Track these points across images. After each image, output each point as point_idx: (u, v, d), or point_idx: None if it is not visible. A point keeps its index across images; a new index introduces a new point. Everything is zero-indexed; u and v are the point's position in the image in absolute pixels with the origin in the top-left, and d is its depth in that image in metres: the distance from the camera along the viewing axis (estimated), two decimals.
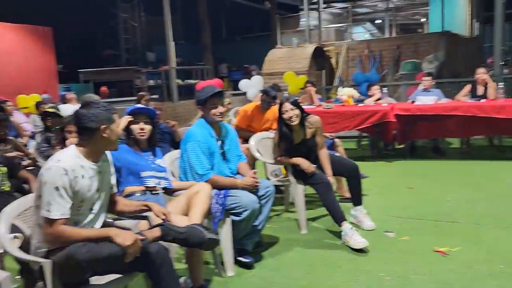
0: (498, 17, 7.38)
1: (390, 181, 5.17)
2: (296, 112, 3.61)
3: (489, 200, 4.21)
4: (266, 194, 3.14)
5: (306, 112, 3.73)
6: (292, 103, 3.63)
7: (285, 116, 3.60)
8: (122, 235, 1.96)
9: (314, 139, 3.72)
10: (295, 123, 3.60)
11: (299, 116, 3.62)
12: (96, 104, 2.14)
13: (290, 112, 3.58)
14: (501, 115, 5.58)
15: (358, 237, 3.26)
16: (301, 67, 11.07)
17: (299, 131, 3.68)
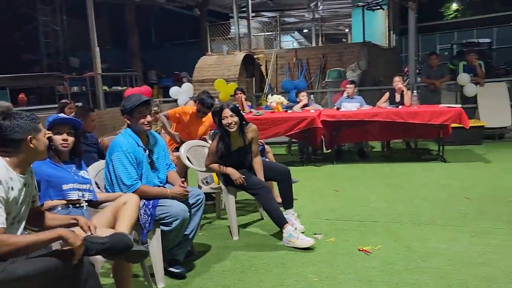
0: (412, 30, 7.98)
1: (318, 185, 5.37)
2: (235, 119, 3.63)
3: (406, 200, 4.52)
4: (197, 202, 3.13)
5: (245, 120, 3.76)
6: (232, 109, 3.64)
7: (224, 122, 3.62)
8: (72, 235, 1.94)
9: (250, 146, 3.78)
10: (234, 130, 3.62)
11: (237, 124, 3.64)
12: (19, 115, 2.07)
13: (230, 119, 3.60)
14: (416, 120, 6.04)
15: (304, 236, 3.38)
16: (231, 74, 11.18)
17: (237, 138, 3.70)
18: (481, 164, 5.97)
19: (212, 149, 3.67)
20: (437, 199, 4.48)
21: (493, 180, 5.11)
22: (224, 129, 3.63)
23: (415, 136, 6.91)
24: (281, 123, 6.31)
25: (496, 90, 7.60)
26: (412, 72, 8.21)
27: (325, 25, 20.46)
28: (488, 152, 6.74)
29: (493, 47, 20.11)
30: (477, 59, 7.72)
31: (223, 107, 3.66)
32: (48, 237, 1.94)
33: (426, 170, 5.82)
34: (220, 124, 3.64)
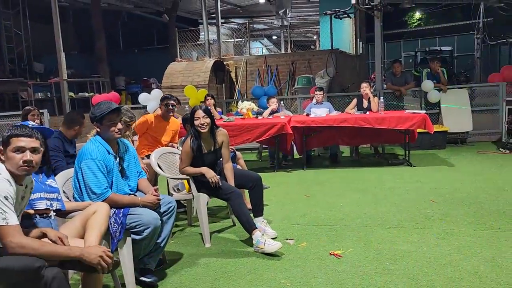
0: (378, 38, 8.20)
1: (289, 191, 5.42)
2: (207, 120, 3.67)
3: (375, 204, 4.62)
4: (168, 210, 3.11)
5: (216, 125, 3.79)
6: (204, 110, 3.67)
7: (197, 123, 3.63)
8: (89, 254, 2.08)
9: (221, 150, 3.80)
10: (205, 130, 3.65)
11: (209, 125, 3.67)
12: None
13: (202, 120, 3.64)
14: (383, 126, 6.20)
15: (271, 241, 3.40)
16: (201, 80, 11.14)
17: (209, 141, 3.73)
18: (445, 168, 6.19)
19: (185, 149, 3.66)
20: (404, 202, 4.60)
21: (456, 183, 5.30)
22: (195, 130, 3.63)
23: (383, 141, 7.09)
24: (252, 130, 6.35)
25: (458, 96, 7.90)
26: (378, 78, 8.43)
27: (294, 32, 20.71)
28: (451, 156, 6.99)
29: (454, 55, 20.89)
30: (440, 67, 8.01)
31: (196, 108, 3.68)
32: (67, 254, 2.07)
33: (394, 174, 5.97)
34: (192, 125, 3.64)
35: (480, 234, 3.58)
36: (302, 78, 10.62)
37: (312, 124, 6.40)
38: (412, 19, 32.21)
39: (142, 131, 4.79)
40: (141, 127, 4.76)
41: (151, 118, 4.78)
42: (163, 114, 4.86)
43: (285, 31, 18.34)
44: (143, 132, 4.79)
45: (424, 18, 31.73)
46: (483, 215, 4.06)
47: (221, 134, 3.81)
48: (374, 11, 7.83)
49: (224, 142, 3.82)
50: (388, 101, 7.87)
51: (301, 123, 6.42)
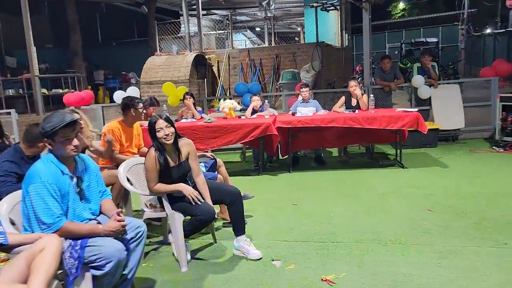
0: (366, 31, 7.82)
1: (275, 198, 5.03)
2: (171, 130, 3.26)
3: (368, 213, 4.27)
4: (136, 236, 2.69)
5: (179, 135, 3.39)
6: (166, 120, 3.26)
7: (160, 135, 3.21)
8: None
9: (188, 163, 3.39)
10: (171, 141, 3.25)
11: (174, 135, 3.26)
12: None
13: (166, 130, 3.22)
14: (374, 126, 5.85)
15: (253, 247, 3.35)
16: (181, 75, 10.66)
17: (174, 153, 3.32)
18: (439, 169, 5.87)
19: (151, 165, 3.23)
20: (399, 212, 4.26)
21: (452, 187, 4.98)
22: (158, 143, 3.22)
23: (372, 141, 6.74)
24: (235, 131, 5.93)
25: (449, 92, 7.59)
26: (367, 74, 8.06)
27: (278, 24, 20.25)
28: (444, 155, 6.69)
29: (439, 46, 20.71)
30: (431, 61, 7.68)
31: (155, 118, 3.26)
32: None
33: (385, 177, 5.64)
34: (155, 137, 3.21)
35: (486, 252, 3.25)
36: (287, 73, 10.22)
37: (298, 125, 6.01)
38: (396, 10, 32.03)
39: (118, 144, 4.25)
40: (116, 141, 4.23)
41: (117, 126, 4.28)
42: (128, 120, 4.36)
43: (269, 22, 17.89)
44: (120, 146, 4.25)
45: (408, 8, 31.58)
46: (486, 227, 3.74)
47: (185, 144, 3.40)
48: (363, 3, 7.43)
49: (191, 153, 3.40)
50: (377, 97, 7.52)
51: (286, 124, 6.02)
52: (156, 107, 6.38)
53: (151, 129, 3.26)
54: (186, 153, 3.40)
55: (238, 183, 5.75)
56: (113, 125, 4.35)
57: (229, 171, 6.62)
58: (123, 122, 4.39)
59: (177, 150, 3.34)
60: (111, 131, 4.23)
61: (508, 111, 6.82)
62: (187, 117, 6.71)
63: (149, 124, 3.29)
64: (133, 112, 4.30)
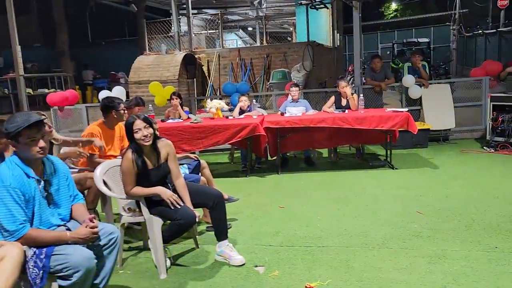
0: (356, 31, 7.71)
1: (262, 201, 4.89)
2: (150, 130, 3.12)
3: (356, 216, 4.15)
4: (109, 243, 2.54)
5: (157, 136, 3.25)
6: (145, 120, 3.10)
7: (138, 136, 3.06)
8: None
9: (167, 165, 3.25)
10: (149, 143, 3.11)
11: (152, 136, 3.12)
12: None
13: (144, 131, 3.07)
14: (363, 126, 5.74)
15: (235, 253, 3.23)
16: (170, 75, 10.51)
17: (152, 155, 3.18)
18: (429, 170, 5.77)
19: (127, 168, 3.08)
20: (388, 214, 4.14)
21: (443, 189, 4.88)
22: (136, 144, 3.08)
23: (362, 141, 6.63)
24: (221, 131, 5.79)
25: (440, 92, 7.50)
26: (357, 73, 7.95)
27: (270, 24, 20.14)
28: (434, 156, 6.59)
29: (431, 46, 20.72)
30: (421, 61, 7.58)
31: (133, 119, 3.11)
32: None
33: (375, 178, 5.52)
34: (132, 139, 3.07)
35: (475, 257, 3.14)
36: (277, 72, 10.10)
37: (286, 125, 5.88)
38: (389, 10, 32.08)
39: (92, 148, 4.08)
40: (92, 145, 4.07)
41: (96, 129, 4.12)
42: (109, 121, 4.20)
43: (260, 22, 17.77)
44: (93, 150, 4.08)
45: (400, 9, 31.63)
46: (476, 230, 3.63)
47: (164, 146, 3.25)
48: (353, 1, 7.32)
49: (170, 155, 3.27)
50: (368, 97, 7.42)
51: (274, 124, 5.89)
52: (141, 107, 6.21)
53: (128, 130, 3.12)
54: (165, 155, 3.26)
55: (225, 185, 5.65)
56: (93, 128, 4.19)
57: (217, 172, 6.57)
58: (103, 124, 4.24)
59: (156, 151, 3.20)
60: (90, 135, 4.07)
61: (499, 111, 6.74)
62: (174, 118, 6.57)
63: (126, 124, 3.14)
64: (114, 114, 4.15)
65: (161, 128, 5.90)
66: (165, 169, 3.25)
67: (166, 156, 3.27)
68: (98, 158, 4.06)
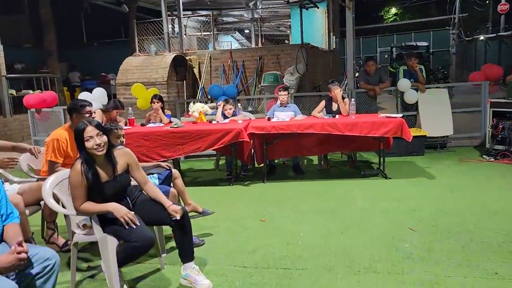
0: (349, 31, 7.37)
1: (242, 212, 4.51)
2: (104, 138, 2.75)
3: (343, 233, 3.78)
4: (44, 271, 2.19)
5: (113, 144, 2.88)
6: (97, 126, 2.74)
7: (90, 144, 2.70)
8: None
9: (127, 176, 2.89)
10: (103, 152, 2.75)
11: (106, 145, 2.75)
12: None
13: (97, 139, 2.71)
14: (354, 132, 5.38)
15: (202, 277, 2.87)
16: (159, 77, 10.14)
17: (106, 166, 2.81)
18: (425, 181, 5.40)
19: (76, 181, 2.71)
20: (377, 231, 3.77)
21: (439, 202, 4.51)
22: (87, 154, 2.72)
23: (354, 148, 6.26)
24: (203, 137, 5.43)
25: (437, 97, 7.14)
26: (350, 76, 7.59)
27: (266, 26, 19.81)
28: (430, 164, 6.22)
29: (430, 51, 20.41)
30: (418, 64, 7.22)
31: (83, 125, 2.74)
32: None
33: (366, 189, 5.15)
34: (83, 148, 2.71)
35: (472, 284, 2.76)
36: (269, 75, 9.74)
37: (272, 131, 5.51)
38: (388, 14, 31.83)
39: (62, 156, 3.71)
40: (60, 153, 3.69)
41: (63, 134, 3.75)
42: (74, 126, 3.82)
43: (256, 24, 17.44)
44: (64, 157, 3.71)
45: (400, 13, 31.38)
46: (474, 251, 3.26)
47: (122, 155, 2.90)
48: (346, 1, 6.96)
49: (131, 164, 2.91)
50: (361, 102, 7.07)
51: (259, 130, 5.52)
52: (120, 110, 5.86)
53: (78, 138, 2.74)
54: (123, 165, 2.89)
55: (206, 194, 5.30)
56: (59, 133, 3.81)
57: (201, 180, 6.20)
58: (70, 128, 3.87)
59: (111, 162, 2.82)
60: (55, 141, 3.69)
61: (499, 117, 6.39)
62: (155, 122, 6.20)
63: (75, 132, 2.77)
64: (76, 117, 3.77)
65: (138, 133, 5.55)
66: (123, 181, 2.88)
67: (125, 167, 2.91)
68: (61, 167, 3.69)
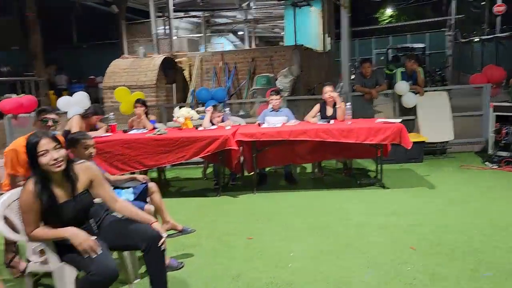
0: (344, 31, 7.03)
1: (228, 228, 4.14)
2: (62, 152, 2.37)
3: (337, 254, 3.41)
4: None
5: (71, 159, 2.51)
6: (53, 139, 2.37)
7: (45, 160, 2.32)
8: None
9: (90, 194, 2.51)
10: (61, 168, 2.37)
11: (65, 159, 2.38)
12: None
13: (54, 153, 2.33)
14: (349, 139, 5.03)
15: None
16: (147, 80, 9.76)
17: (65, 184, 2.43)
18: (425, 191, 5.04)
19: (27, 204, 2.33)
20: (374, 251, 3.41)
21: (441, 216, 4.15)
22: (41, 172, 2.34)
23: (350, 156, 5.90)
24: (187, 145, 5.05)
25: (436, 100, 6.80)
26: (346, 79, 7.24)
27: (260, 28, 19.48)
28: (430, 172, 5.87)
29: (426, 53, 20.14)
30: (417, 66, 6.88)
31: (36, 137, 2.35)
32: None
33: (362, 200, 4.79)
34: (36, 165, 2.33)
35: None
36: (261, 77, 9.40)
37: (262, 138, 5.15)
38: (383, 16, 31.61)
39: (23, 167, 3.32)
40: (19, 164, 3.30)
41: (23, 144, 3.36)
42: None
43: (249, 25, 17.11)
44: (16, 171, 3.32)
45: (395, 15, 31.17)
46: (484, 278, 2.90)
47: (83, 170, 2.52)
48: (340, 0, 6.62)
49: (94, 181, 2.53)
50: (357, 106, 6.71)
51: (248, 137, 5.16)
52: (100, 116, 5.49)
53: (30, 153, 2.36)
54: (85, 182, 2.51)
55: (190, 207, 4.93)
56: (20, 142, 3.42)
57: (186, 190, 5.82)
58: None
59: (70, 179, 2.45)
60: (12, 152, 3.31)
61: (502, 122, 6.05)
62: (138, 128, 5.83)
63: (27, 146, 2.38)
64: (33, 124, 3.40)
65: (119, 141, 5.17)
66: (85, 200, 2.50)
67: (87, 184, 2.53)
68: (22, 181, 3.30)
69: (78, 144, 3.21)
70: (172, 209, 4.74)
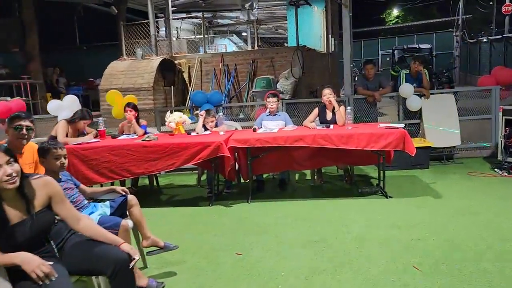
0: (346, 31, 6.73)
1: (216, 242, 3.85)
2: (16, 167, 2.14)
3: (333, 272, 3.12)
4: None
5: (26, 173, 2.24)
6: (6, 152, 2.13)
7: None
8: None
9: (48, 213, 2.24)
10: (15, 185, 2.12)
11: (19, 175, 2.11)
12: None
13: (7, 168, 2.12)
14: (349, 146, 4.73)
15: None
16: (145, 82, 9.53)
17: (18, 202, 2.16)
18: (430, 201, 4.73)
19: None
20: (375, 271, 3.10)
21: (447, 229, 3.84)
22: None
23: (351, 162, 5.59)
24: (178, 152, 4.78)
25: (443, 103, 6.48)
26: (347, 81, 6.94)
27: (263, 28, 19.21)
28: (436, 179, 5.55)
29: (433, 53, 19.75)
30: (422, 68, 6.56)
31: None
32: None
33: (363, 211, 4.48)
34: None
35: None
36: (261, 79, 9.11)
37: (256, 144, 4.86)
38: (390, 17, 31.24)
39: None
40: None
41: None
42: (11, 143, 3.21)
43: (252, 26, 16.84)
44: None
45: (401, 15, 30.79)
46: None
47: (40, 186, 2.25)
48: None
49: (54, 197, 2.27)
50: (360, 109, 6.42)
51: (242, 143, 4.88)
52: (88, 121, 5.24)
53: None
54: (43, 199, 2.24)
55: (179, 217, 4.65)
56: None
57: (178, 198, 5.54)
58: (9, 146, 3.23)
59: (25, 197, 2.18)
60: None
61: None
62: (129, 133, 5.57)
63: None
64: (7, 131, 3.15)
65: (105, 147, 4.90)
66: (43, 220, 2.23)
67: (46, 201, 2.26)
68: None
69: (48, 154, 2.95)
70: (159, 219, 4.53)
